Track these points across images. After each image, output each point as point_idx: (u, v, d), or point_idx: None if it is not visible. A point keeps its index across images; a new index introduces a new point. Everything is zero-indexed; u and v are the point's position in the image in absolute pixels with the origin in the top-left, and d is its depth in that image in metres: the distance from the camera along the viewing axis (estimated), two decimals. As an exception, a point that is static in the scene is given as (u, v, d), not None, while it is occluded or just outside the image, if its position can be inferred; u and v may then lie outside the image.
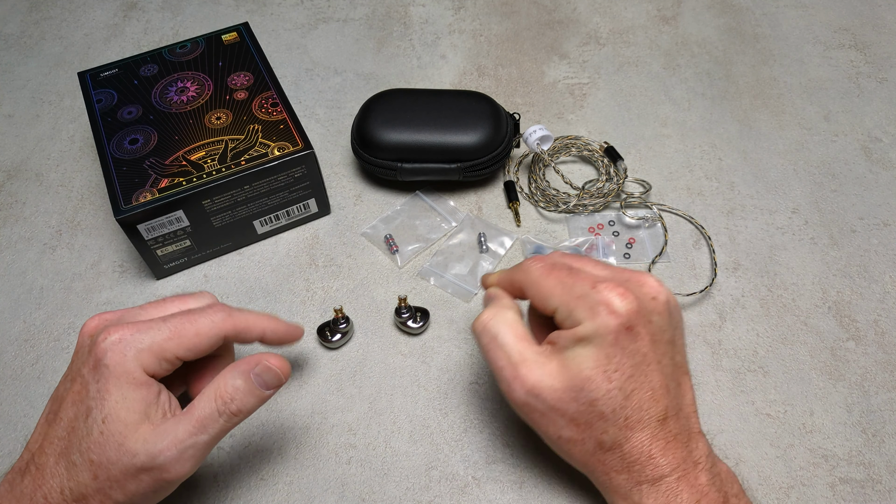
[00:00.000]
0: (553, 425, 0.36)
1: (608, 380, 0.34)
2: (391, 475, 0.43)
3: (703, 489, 0.35)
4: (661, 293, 0.36)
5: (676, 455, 0.35)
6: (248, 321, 0.38)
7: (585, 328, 0.35)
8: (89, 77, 0.54)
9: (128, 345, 0.34)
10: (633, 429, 0.35)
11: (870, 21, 0.71)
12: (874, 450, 0.43)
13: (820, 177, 0.58)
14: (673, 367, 0.37)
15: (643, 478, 0.35)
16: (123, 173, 0.48)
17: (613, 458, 0.35)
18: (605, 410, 0.34)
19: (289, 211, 0.53)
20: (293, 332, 0.42)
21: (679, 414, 0.36)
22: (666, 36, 0.70)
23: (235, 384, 0.34)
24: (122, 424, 0.33)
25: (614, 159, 0.56)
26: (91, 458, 0.33)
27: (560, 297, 0.36)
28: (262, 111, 0.52)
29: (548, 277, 0.37)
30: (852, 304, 0.50)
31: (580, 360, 0.35)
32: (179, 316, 0.36)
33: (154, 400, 0.34)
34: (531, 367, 0.36)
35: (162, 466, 0.33)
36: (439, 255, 0.53)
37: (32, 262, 0.54)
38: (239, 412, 0.34)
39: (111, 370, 0.33)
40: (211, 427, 0.34)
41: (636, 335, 0.35)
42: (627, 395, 0.34)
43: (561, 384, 0.35)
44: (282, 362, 0.36)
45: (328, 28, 0.71)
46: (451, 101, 0.55)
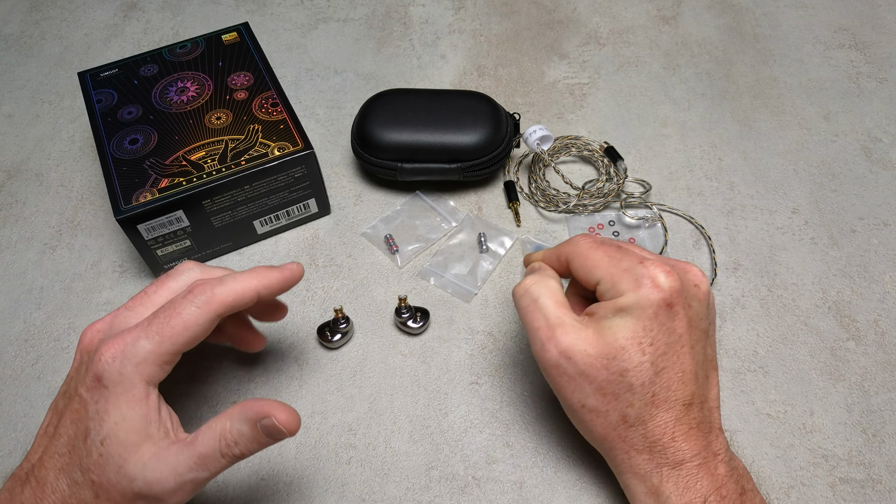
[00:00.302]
0: (580, 392, 0.36)
1: (642, 352, 0.35)
2: (391, 475, 0.43)
3: (722, 479, 0.35)
4: (703, 283, 0.37)
5: (698, 442, 0.35)
6: (236, 291, 0.36)
7: (627, 299, 0.35)
8: (89, 77, 0.54)
9: (124, 361, 0.33)
10: (659, 407, 0.35)
11: (870, 21, 0.71)
12: (874, 450, 0.43)
13: (820, 177, 0.58)
14: (704, 357, 0.37)
15: (664, 460, 0.35)
16: (123, 173, 0.48)
17: (636, 434, 0.35)
18: (633, 382, 0.35)
19: (289, 211, 0.53)
20: (289, 276, 0.39)
21: (704, 405, 0.36)
22: (666, 36, 0.70)
23: (241, 430, 0.33)
24: (121, 446, 0.32)
25: (614, 159, 0.57)
26: (92, 479, 0.33)
27: (606, 268, 0.37)
28: (262, 111, 0.52)
29: (596, 250, 0.38)
30: (852, 304, 0.50)
31: (616, 329, 0.35)
32: (163, 314, 0.34)
33: (155, 417, 0.34)
34: (567, 330, 0.36)
35: (158, 496, 0.33)
36: (439, 255, 0.53)
37: (32, 262, 0.54)
38: (241, 455, 0.34)
39: (110, 390, 0.33)
40: (212, 465, 0.33)
41: (675, 314, 0.35)
42: (658, 371, 0.35)
43: (595, 350, 0.35)
44: (290, 419, 0.34)
45: (328, 28, 0.71)
46: (451, 101, 0.55)
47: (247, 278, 0.37)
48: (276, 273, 0.38)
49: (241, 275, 0.37)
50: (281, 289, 0.38)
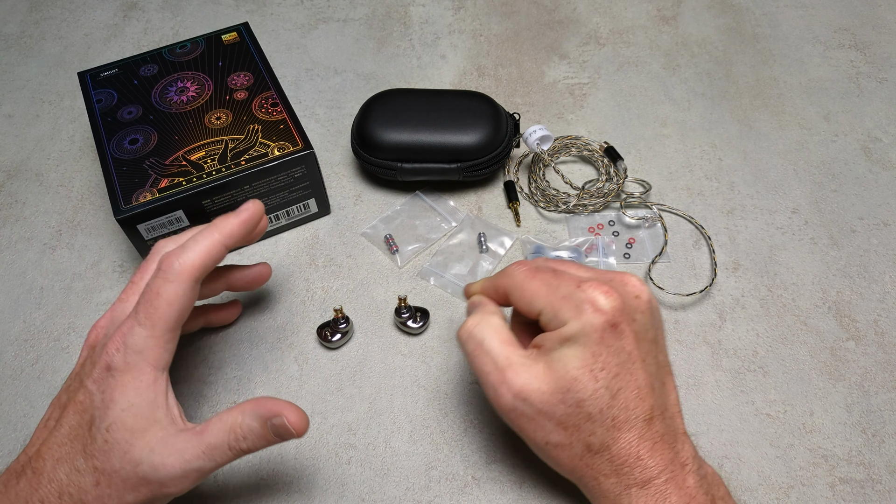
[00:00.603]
0: (541, 430, 0.36)
1: (595, 379, 0.34)
2: (391, 475, 0.43)
3: (692, 492, 0.34)
4: (643, 292, 0.37)
5: (664, 456, 0.35)
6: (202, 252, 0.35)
7: (571, 327, 0.34)
8: (89, 77, 0.54)
9: (127, 351, 0.34)
10: (621, 429, 0.34)
11: (870, 21, 0.71)
12: (874, 450, 0.43)
13: (820, 177, 0.58)
14: (657, 366, 0.37)
15: (632, 481, 0.35)
16: (123, 173, 0.48)
17: (602, 461, 0.35)
18: (592, 411, 0.34)
19: (289, 211, 0.53)
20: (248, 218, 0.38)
21: (664, 414, 0.36)
22: (666, 36, 0.70)
23: (252, 426, 0.34)
24: (127, 432, 0.33)
25: (614, 159, 0.56)
26: (95, 465, 0.33)
27: (545, 298, 0.36)
28: (262, 111, 0.52)
29: (532, 280, 0.37)
30: (852, 304, 0.50)
31: (566, 361, 0.34)
32: (144, 298, 0.35)
33: (163, 402, 0.34)
34: (518, 371, 0.35)
35: (163, 481, 0.33)
36: (439, 255, 0.53)
37: (32, 262, 0.54)
38: (248, 451, 0.35)
39: (117, 379, 0.34)
40: (220, 457, 0.34)
41: (621, 333, 0.35)
42: (614, 394, 0.34)
43: (548, 386, 0.35)
44: (300, 420, 0.34)
45: (328, 28, 0.71)
46: (451, 101, 0.55)
47: (208, 235, 0.36)
48: (234, 219, 0.38)
49: (202, 233, 0.36)
50: (246, 232, 0.38)
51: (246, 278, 0.46)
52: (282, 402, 0.35)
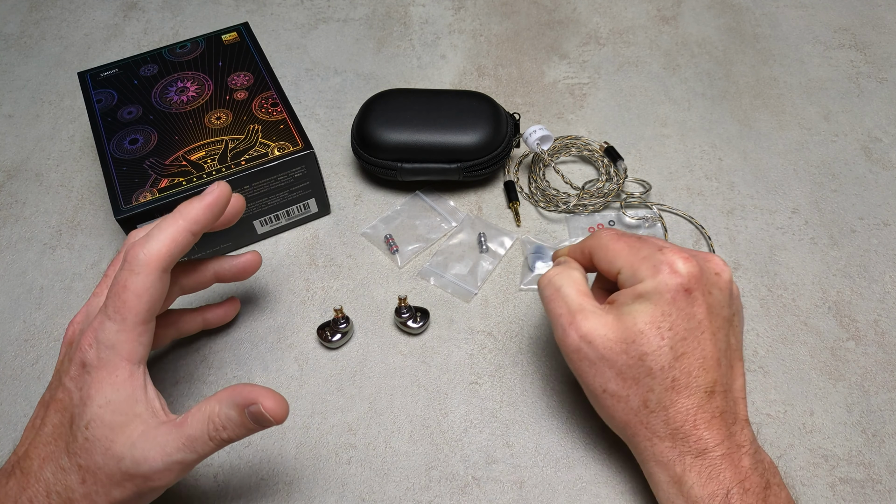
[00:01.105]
0: (600, 376, 0.37)
1: (660, 336, 0.35)
2: (391, 475, 0.43)
3: (746, 472, 0.35)
4: (725, 271, 0.38)
5: (720, 432, 0.35)
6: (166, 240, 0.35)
7: (646, 285, 0.36)
8: (89, 77, 0.54)
9: (100, 346, 0.34)
10: (680, 393, 0.35)
11: (870, 21, 0.71)
12: (874, 450, 0.43)
13: (820, 177, 0.58)
14: (727, 345, 0.37)
15: (686, 448, 0.35)
16: (123, 173, 0.48)
17: (657, 420, 0.35)
18: (653, 367, 0.35)
19: (289, 211, 0.53)
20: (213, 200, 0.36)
21: (727, 394, 0.36)
22: (666, 36, 0.70)
23: (229, 415, 0.33)
24: (107, 428, 0.33)
25: (614, 159, 0.56)
26: (79, 463, 0.33)
27: (626, 257, 0.38)
28: (262, 111, 0.52)
29: (617, 241, 0.39)
30: (852, 304, 0.50)
31: (636, 314, 0.36)
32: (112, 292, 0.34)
33: (142, 396, 0.34)
34: (587, 316, 0.37)
35: (147, 475, 0.33)
36: (439, 255, 0.53)
37: (32, 262, 0.54)
38: (229, 440, 0.34)
39: (93, 376, 0.33)
40: (200, 448, 0.33)
41: (694, 300, 0.36)
42: (678, 356, 0.35)
43: (614, 334, 0.36)
44: (277, 406, 0.33)
45: (328, 28, 0.71)
46: (451, 101, 0.55)
47: (172, 223, 0.35)
48: (198, 203, 0.36)
49: (166, 221, 0.35)
50: (212, 216, 0.36)
51: (235, 268, 0.45)
52: (258, 388, 0.33)
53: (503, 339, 0.49)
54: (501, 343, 0.48)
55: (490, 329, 0.49)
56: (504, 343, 0.48)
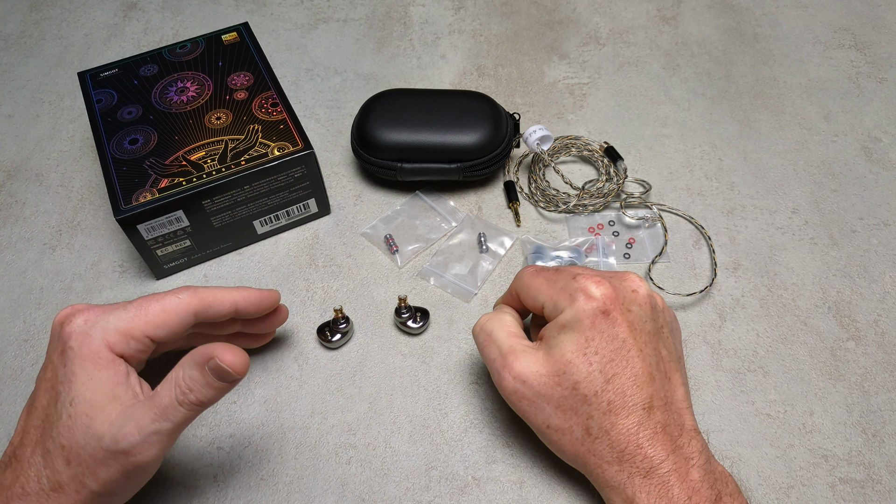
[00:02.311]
0: (541, 413, 0.37)
1: (588, 362, 0.36)
2: (391, 475, 0.43)
3: (695, 485, 0.35)
4: (641, 287, 0.39)
5: (665, 447, 0.35)
6: (216, 294, 0.39)
7: (565, 315, 0.37)
8: (89, 77, 0.54)
9: (92, 325, 0.34)
10: (618, 414, 0.35)
11: (870, 21, 0.71)
12: (874, 450, 0.43)
13: (820, 177, 0.58)
14: (658, 358, 0.37)
15: (634, 469, 0.35)
16: (123, 173, 0.48)
17: (602, 446, 0.36)
18: (587, 393, 0.36)
19: (289, 211, 0.53)
20: (267, 297, 0.42)
21: (668, 407, 0.36)
22: (666, 36, 0.70)
23: (193, 375, 0.33)
24: (88, 406, 0.33)
25: (614, 159, 0.56)
26: (62, 444, 0.33)
27: (546, 291, 0.39)
28: (262, 111, 0.52)
29: (536, 277, 0.40)
30: (852, 304, 0.50)
31: (562, 345, 0.37)
32: (144, 298, 0.37)
33: (123, 380, 0.34)
34: (518, 356, 0.38)
35: (127, 451, 0.32)
36: (439, 255, 0.53)
37: (32, 262, 0.54)
38: (199, 402, 0.34)
39: (76, 352, 0.34)
40: (172, 415, 0.33)
41: (613, 321, 0.37)
42: (608, 378, 0.36)
43: (545, 369, 0.37)
44: (236, 357, 0.34)
45: (328, 28, 0.71)
46: (451, 101, 0.55)
47: (228, 289, 0.40)
48: (256, 293, 0.41)
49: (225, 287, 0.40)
50: (258, 308, 0.41)
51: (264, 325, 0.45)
52: (218, 344, 0.34)
53: (503, 339, 0.49)
54: (501, 343, 0.48)
55: (490, 329, 0.49)
56: (504, 343, 0.48)
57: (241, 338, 0.46)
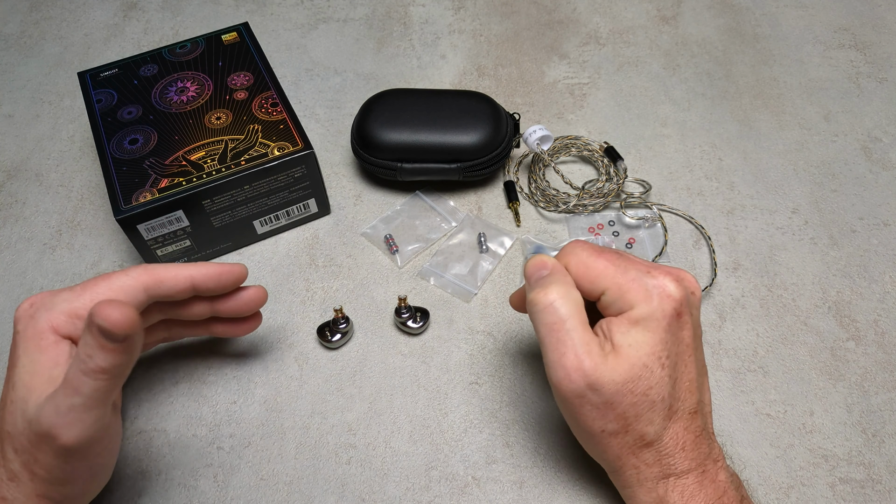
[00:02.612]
0: (601, 419, 0.34)
1: (661, 366, 0.34)
2: (391, 475, 0.43)
3: (723, 486, 0.35)
4: (698, 290, 0.37)
5: (702, 450, 0.35)
6: (170, 270, 0.37)
7: (640, 311, 0.34)
8: (89, 77, 0.54)
9: (38, 308, 0.34)
10: (672, 419, 0.35)
11: (870, 21, 0.71)
12: (874, 450, 0.43)
13: (820, 177, 0.58)
14: (701, 364, 0.37)
15: (671, 471, 0.35)
16: (123, 173, 0.48)
17: (651, 452, 0.35)
18: (655, 399, 0.34)
19: (289, 211, 0.53)
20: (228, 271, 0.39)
21: (703, 410, 0.37)
22: (666, 36, 0.70)
23: (86, 340, 0.30)
24: (25, 390, 0.32)
25: (614, 159, 0.56)
26: (8, 430, 0.33)
27: (612, 278, 0.35)
28: (262, 111, 0.52)
29: (598, 258, 0.36)
30: (852, 304, 0.50)
31: (637, 347, 0.34)
32: (95, 277, 0.36)
33: (63, 362, 0.33)
34: (596, 361, 0.33)
35: (48, 432, 0.31)
36: (439, 255, 0.53)
37: (32, 262, 0.54)
38: (102, 369, 0.30)
39: (21, 336, 0.34)
40: (81, 388, 0.30)
41: (684, 324, 0.35)
42: (674, 383, 0.35)
43: (621, 376, 0.33)
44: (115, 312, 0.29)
45: (328, 28, 0.71)
46: (451, 101, 0.55)
47: (184, 265, 0.38)
48: (215, 268, 0.39)
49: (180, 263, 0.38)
50: (218, 283, 0.39)
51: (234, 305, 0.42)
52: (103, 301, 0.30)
53: (503, 339, 0.49)
54: (501, 343, 0.48)
55: (490, 329, 0.49)
56: (504, 343, 0.48)
57: (221, 324, 0.44)
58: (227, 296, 0.42)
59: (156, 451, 0.44)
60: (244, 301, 0.42)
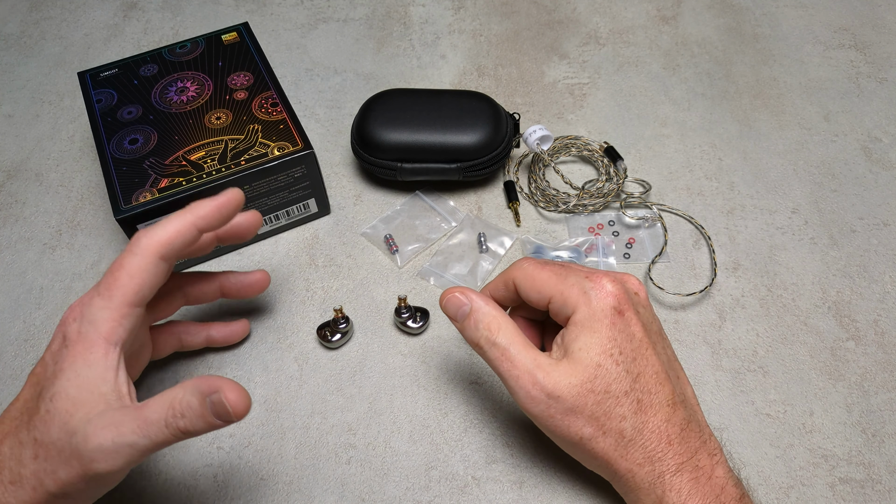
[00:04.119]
0: (574, 425, 0.36)
1: (615, 362, 0.35)
2: (391, 475, 0.43)
3: (721, 482, 0.35)
4: (641, 290, 0.39)
5: (693, 442, 0.35)
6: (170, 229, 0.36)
7: (581, 314, 0.36)
8: (89, 77, 0.54)
9: (83, 321, 0.34)
10: (647, 412, 0.35)
11: (870, 21, 0.71)
12: (874, 450, 0.43)
13: (820, 177, 0.58)
14: (668, 357, 0.38)
15: (664, 467, 0.35)
16: (123, 173, 0.48)
17: (636, 449, 0.35)
18: (618, 395, 0.35)
19: (289, 211, 0.53)
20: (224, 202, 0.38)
21: (685, 402, 0.37)
22: (666, 36, 0.70)
23: (191, 402, 0.32)
24: (69, 402, 0.32)
25: (614, 159, 0.56)
26: (35, 437, 0.32)
27: (555, 286, 0.38)
28: (262, 111, 0.52)
29: (542, 270, 0.39)
30: (852, 304, 0.50)
31: (587, 349, 0.36)
32: (108, 271, 0.35)
33: (111, 377, 0.33)
34: (547, 371, 0.36)
35: (92, 455, 0.31)
36: (439, 255, 0.53)
37: (32, 262, 0.54)
38: (186, 431, 0.32)
39: (69, 350, 0.33)
40: (154, 434, 0.31)
41: (629, 320, 0.36)
42: (635, 377, 0.36)
43: (576, 379, 0.35)
44: (239, 399, 0.32)
45: (328, 28, 0.71)
46: (451, 101, 0.55)
47: (180, 215, 0.37)
48: (208, 202, 0.37)
49: (175, 214, 0.37)
50: (220, 216, 0.38)
51: (241, 284, 0.45)
52: (225, 380, 0.32)
53: (503, 339, 0.49)
54: (501, 343, 0.48)
55: (490, 329, 0.49)
56: (504, 343, 0.48)
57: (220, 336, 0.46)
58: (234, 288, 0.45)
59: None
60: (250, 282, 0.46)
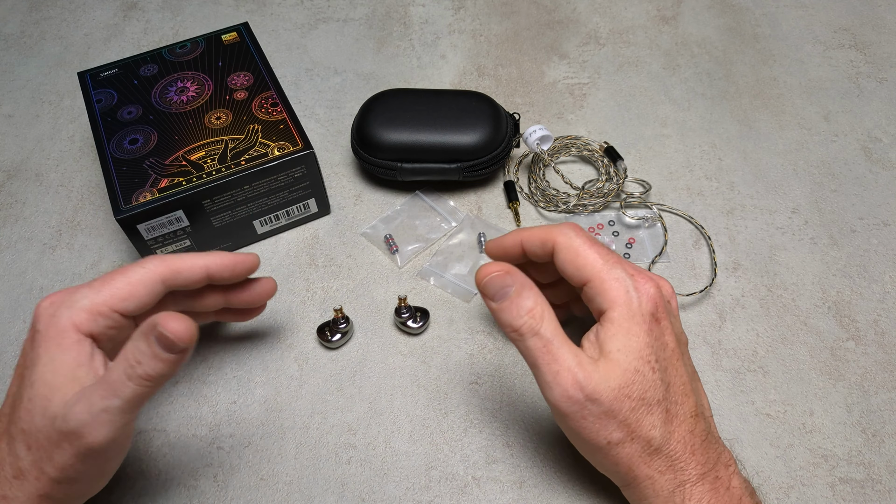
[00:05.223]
0: (604, 429, 0.34)
1: (652, 369, 0.34)
2: (391, 475, 0.43)
3: (738, 493, 0.35)
4: (674, 299, 0.38)
5: (711, 455, 0.35)
6: (185, 260, 0.37)
7: (620, 312, 0.35)
8: (89, 77, 0.54)
9: (59, 306, 0.34)
10: (673, 422, 0.35)
11: (870, 21, 0.71)
12: (874, 450, 0.43)
13: (820, 177, 0.58)
14: (691, 370, 0.38)
15: (685, 477, 0.35)
16: (123, 173, 0.48)
17: (661, 457, 0.35)
18: (651, 402, 0.34)
19: (289, 211, 0.53)
20: (242, 260, 0.40)
21: (704, 415, 0.37)
22: (666, 36, 0.70)
23: (139, 346, 0.31)
24: (47, 388, 0.32)
25: (614, 159, 0.57)
26: (23, 428, 0.32)
27: (599, 272, 0.35)
28: (262, 111, 0.52)
29: (590, 248, 0.36)
30: (852, 304, 0.50)
31: (626, 352, 0.34)
32: (110, 272, 0.36)
33: (85, 361, 0.33)
34: (588, 372, 0.34)
35: (77, 431, 0.31)
36: (439, 255, 0.53)
37: (32, 262, 0.54)
38: (148, 376, 0.31)
39: (42, 334, 0.33)
40: (122, 391, 0.31)
41: (664, 329, 0.36)
42: (667, 385, 0.35)
43: (616, 383, 0.34)
44: (179, 324, 0.31)
45: (328, 28, 0.71)
46: (451, 101, 0.55)
47: (196, 254, 0.38)
48: (230, 257, 0.39)
49: (191, 252, 0.39)
50: (233, 272, 0.40)
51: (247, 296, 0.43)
52: (164, 312, 0.31)
53: (503, 339, 0.49)
54: (501, 343, 0.48)
55: (490, 329, 0.49)
56: (504, 343, 0.48)
57: (230, 313, 0.45)
58: (241, 287, 0.43)
59: (156, 451, 0.44)
60: (257, 292, 0.43)
